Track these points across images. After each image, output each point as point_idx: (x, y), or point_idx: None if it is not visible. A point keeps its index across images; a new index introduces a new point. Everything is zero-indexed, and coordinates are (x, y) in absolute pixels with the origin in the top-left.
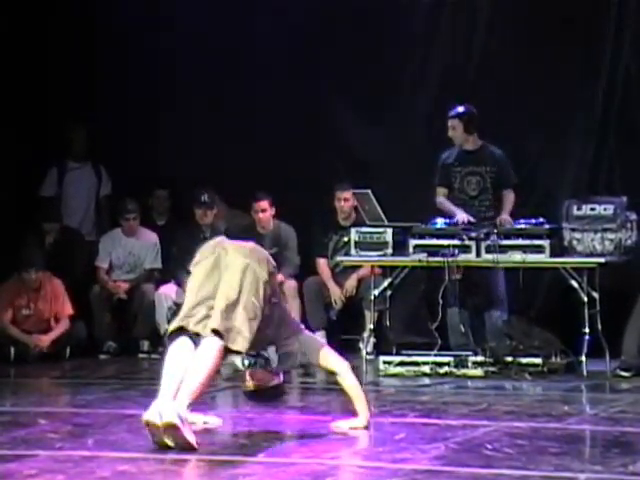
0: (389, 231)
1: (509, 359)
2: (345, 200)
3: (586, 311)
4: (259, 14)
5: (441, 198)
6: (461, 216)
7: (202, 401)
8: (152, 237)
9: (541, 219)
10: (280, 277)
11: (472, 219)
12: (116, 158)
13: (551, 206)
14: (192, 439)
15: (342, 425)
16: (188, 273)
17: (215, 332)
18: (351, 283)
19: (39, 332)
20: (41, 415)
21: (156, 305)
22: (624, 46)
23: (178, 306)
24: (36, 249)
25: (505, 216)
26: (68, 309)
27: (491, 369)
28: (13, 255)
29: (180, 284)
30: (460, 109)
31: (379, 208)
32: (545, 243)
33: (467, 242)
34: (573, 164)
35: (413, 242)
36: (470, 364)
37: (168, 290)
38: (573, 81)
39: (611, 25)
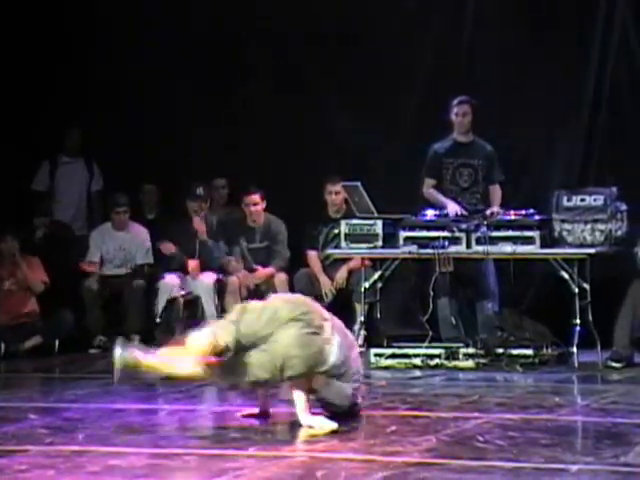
0: (379, 223)
1: (500, 351)
2: (335, 193)
3: (577, 302)
4: (247, 10)
5: (430, 189)
6: (452, 208)
7: (192, 395)
8: (142, 231)
9: (531, 210)
10: (271, 270)
11: (464, 211)
12: (108, 154)
13: (541, 197)
14: None
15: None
16: (179, 266)
17: None
18: (341, 275)
19: (20, 306)
20: (31, 410)
21: (158, 293)
22: (613, 34)
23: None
24: (10, 222)
25: (496, 208)
26: (43, 277)
27: (482, 361)
28: None
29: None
30: (468, 97)
31: (369, 200)
32: (535, 234)
33: (457, 234)
34: (563, 154)
35: (403, 234)
36: (461, 356)
37: (172, 280)
38: (564, 72)
39: (600, 17)
